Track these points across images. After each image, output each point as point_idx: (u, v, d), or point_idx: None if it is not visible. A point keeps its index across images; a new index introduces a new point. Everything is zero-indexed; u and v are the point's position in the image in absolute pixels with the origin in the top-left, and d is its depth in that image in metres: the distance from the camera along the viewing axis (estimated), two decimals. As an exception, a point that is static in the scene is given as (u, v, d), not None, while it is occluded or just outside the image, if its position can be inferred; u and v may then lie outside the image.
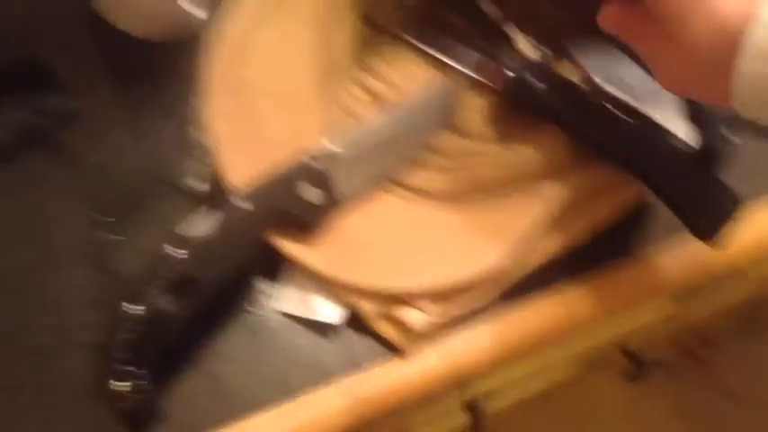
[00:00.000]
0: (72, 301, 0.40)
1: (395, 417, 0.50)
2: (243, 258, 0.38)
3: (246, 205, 0.38)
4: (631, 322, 0.66)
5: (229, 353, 0.40)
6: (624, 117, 0.46)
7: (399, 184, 0.45)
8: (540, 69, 0.47)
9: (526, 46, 0.50)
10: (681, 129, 0.47)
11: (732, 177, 0.44)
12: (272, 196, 0.39)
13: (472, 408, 0.60)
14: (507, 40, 0.50)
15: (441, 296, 0.41)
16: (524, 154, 0.46)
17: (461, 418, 0.63)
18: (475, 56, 0.49)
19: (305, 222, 0.40)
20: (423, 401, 0.43)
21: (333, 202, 0.41)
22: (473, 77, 0.48)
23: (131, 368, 0.34)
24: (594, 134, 0.46)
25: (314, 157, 0.40)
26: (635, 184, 0.46)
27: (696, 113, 0.47)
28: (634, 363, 0.85)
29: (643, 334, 0.73)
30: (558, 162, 0.46)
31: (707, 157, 0.45)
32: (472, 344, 0.43)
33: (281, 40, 0.42)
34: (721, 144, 0.45)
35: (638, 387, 1.19)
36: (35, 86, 0.44)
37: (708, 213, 0.43)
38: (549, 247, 0.45)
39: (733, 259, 0.48)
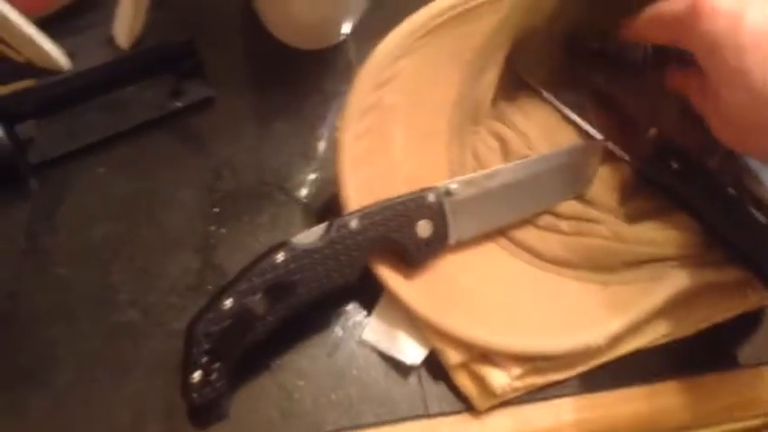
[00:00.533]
0: (167, 283, 0.40)
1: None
2: (342, 277, 0.37)
3: (356, 225, 0.37)
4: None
5: (305, 369, 0.39)
6: (760, 215, 0.44)
7: (509, 237, 0.44)
8: (678, 150, 0.45)
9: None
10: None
11: None
12: (383, 222, 0.38)
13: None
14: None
15: (531, 362, 0.39)
16: (644, 232, 0.43)
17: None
18: (614, 126, 0.47)
19: (411, 256, 0.39)
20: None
21: (442, 242, 0.40)
22: (607, 146, 0.46)
23: (209, 361, 0.34)
24: (724, 228, 0.43)
25: (433, 193, 0.40)
26: (762, 290, 0.43)
27: None
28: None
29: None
30: (679, 249, 0.43)
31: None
32: (548, 416, 0.41)
33: (429, 73, 0.42)
34: None
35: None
36: (183, 71, 0.46)
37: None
38: (651, 335, 0.43)
39: None
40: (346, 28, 0.49)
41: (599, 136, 0.46)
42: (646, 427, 0.42)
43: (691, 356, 0.44)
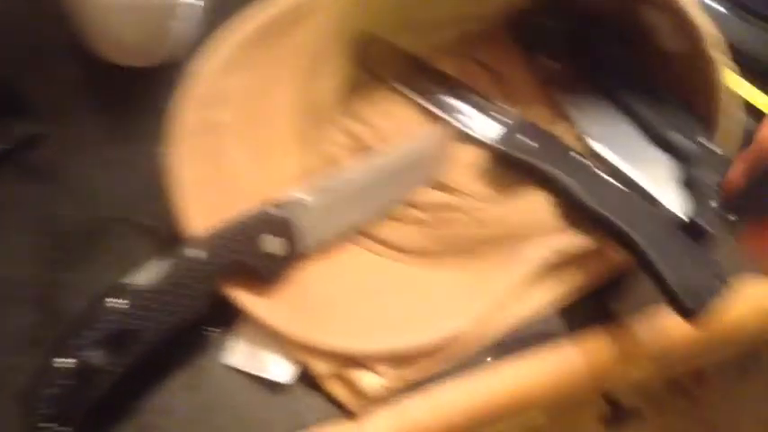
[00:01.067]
0: (8, 340, 0.38)
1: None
2: (191, 311, 0.36)
3: (199, 254, 0.36)
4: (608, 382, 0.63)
5: (169, 406, 0.38)
6: (612, 182, 0.44)
7: (371, 236, 0.43)
8: (533, 128, 0.45)
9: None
10: (672, 197, 0.45)
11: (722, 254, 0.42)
12: (228, 245, 0.37)
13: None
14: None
15: (401, 360, 0.39)
16: (506, 213, 0.44)
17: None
18: (466, 109, 0.47)
19: (261, 274, 0.38)
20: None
21: (295, 254, 0.39)
22: (462, 131, 0.46)
23: (54, 425, 0.32)
24: (581, 197, 0.43)
25: (278, 206, 0.39)
26: (622, 252, 0.44)
27: (691, 182, 0.45)
28: (614, 408, 0.83)
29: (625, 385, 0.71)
30: (539, 223, 0.43)
31: (695, 231, 0.43)
32: (428, 411, 0.41)
33: (259, 85, 0.40)
34: (713, 219, 0.43)
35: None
36: (5, 112, 0.43)
37: (691, 291, 0.41)
38: (524, 310, 0.43)
39: (712, 335, 0.45)
40: (180, 41, 0.47)
41: (452, 121, 0.45)
42: (525, 399, 0.42)
43: (569, 322, 0.44)
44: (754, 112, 0.54)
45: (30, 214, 0.42)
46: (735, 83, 0.46)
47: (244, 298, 0.38)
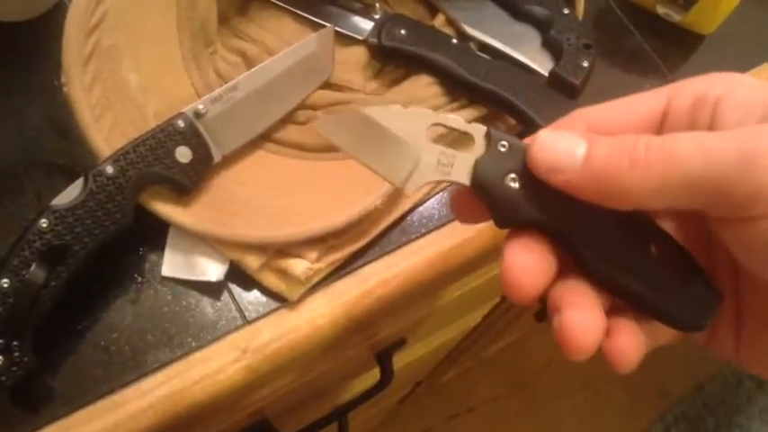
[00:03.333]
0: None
1: (301, 371, 0.51)
2: (115, 224, 0.38)
3: (112, 171, 0.38)
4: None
5: (115, 321, 0.40)
6: (487, 57, 0.49)
7: (274, 140, 0.46)
8: (402, 18, 0.49)
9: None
10: (542, 64, 0.49)
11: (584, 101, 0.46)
12: (139, 160, 0.39)
13: (380, 358, 0.61)
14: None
15: (320, 242, 0.42)
16: (393, 99, 0.47)
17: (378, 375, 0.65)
18: (339, 11, 0.50)
19: (179, 184, 0.40)
20: (322, 351, 0.45)
21: (206, 162, 0.42)
22: (340, 32, 0.49)
23: (5, 342, 0.34)
24: (460, 74, 0.47)
25: (181, 118, 0.41)
26: (508, 119, 0.48)
27: (551, 44, 0.50)
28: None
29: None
30: (427, 103, 0.47)
31: (564, 86, 0.48)
32: (357, 285, 0.44)
33: (139, 7, 0.42)
34: (574, 70, 0.48)
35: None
36: None
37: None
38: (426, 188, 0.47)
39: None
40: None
41: (328, 24, 0.48)
42: (439, 269, 0.46)
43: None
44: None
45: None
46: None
47: (164, 208, 0.40)
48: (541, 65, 0.49)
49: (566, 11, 0.49)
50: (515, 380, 1.55)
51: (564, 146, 0.25)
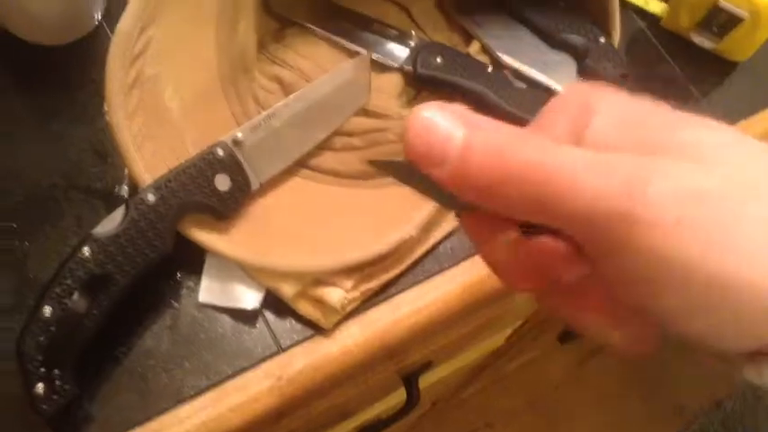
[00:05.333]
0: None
1: (331, 396, 0.51)
2: (155, 252, 0.38)
3: (153, 198, 0.38)
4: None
5: (152, 347, 0.40)
6: (522, 85, 0.49)
7: (310, 166, 0.46)
8: (437, 46, 0.49)
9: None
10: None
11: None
12: (180, 188, 0.39)
13: (407, 381, 0.61)
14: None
15: (356, 271, 0.42)
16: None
17: (403, 395, 0.65)
18: (375, 38, 0.50)
19: (218, 211, 0.41)
20: (352, 377, 0.45)
21: (243, 189, 0.42)
22: (375, 59, 0.49)
23: (46, 371, 0.34)
24: (495, 102, 0.47)
25: (221, 147, 0.41)
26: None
27: (586, 73, 0.50)
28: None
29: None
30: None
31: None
32: (389, 314, 0.44)
33: (181, 35, 0.42)
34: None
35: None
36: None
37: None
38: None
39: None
40: (97, 13, 0.48)
41: (364, 51, 0.49)
42: (470, 298, 0.46)
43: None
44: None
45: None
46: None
47: (206, 237, 0.41)
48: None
49: (602, 39, 0.49)
50: (533, 396, 1.54)
51: (442, 130, 0.20)
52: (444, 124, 0.21)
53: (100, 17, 0.49)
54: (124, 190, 0.44)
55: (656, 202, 0.19)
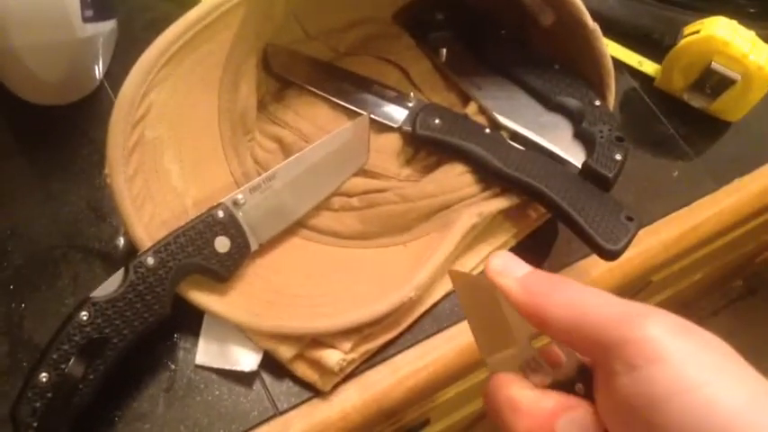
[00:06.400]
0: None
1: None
2: (153, 315, 0.38)
3: (153, 262, 0.38)
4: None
5: (147, 411, 0.40)
6: (518, 146, 0.49)
7: (309, 227, 0.46)
8: (436, 108, 0.50)
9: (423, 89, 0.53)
10: (575, 154, 0.50)
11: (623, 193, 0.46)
12: (179, 251, 0.39)
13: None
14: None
15: (354, 332, 0.42)
16: (426, 186, 0.48)
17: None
18: (374, 99, 0.51)
19: (217, 273, 0.41)
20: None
21: (242, 251, 0.42)
22: (374, 119, 0.50)
23: (42, 437, 0.34)
24: (491, 163, 0.48)
25: (221, 209, 0.41)
26: (538, 208, 0.48)
27: (583, 135, 0.50)
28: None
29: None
30: (460, 192, 0.47)
31: (596, 177, 0.48)
32: (389, 375, 0.44)
33: (183, 99, 0.43)
34: (607, 163, 0.48)
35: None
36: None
37: (607, 234, 0.45)
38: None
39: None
40: (99, 73, 0.49)
41: (363, 112, 0.49)
42: (469, 358, 0.46)
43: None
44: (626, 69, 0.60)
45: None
46: (609, 45, 0.52)
47: (203, 298, 0.41)
48: (574, 155, 0.49)
49: (597, 102, 0.50)
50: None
51: (513, 261, 0.29)
52: (518, 260, 0.30)
53: (101, 76, 0.49)
54: (122, 250, 0.44)
55: None
